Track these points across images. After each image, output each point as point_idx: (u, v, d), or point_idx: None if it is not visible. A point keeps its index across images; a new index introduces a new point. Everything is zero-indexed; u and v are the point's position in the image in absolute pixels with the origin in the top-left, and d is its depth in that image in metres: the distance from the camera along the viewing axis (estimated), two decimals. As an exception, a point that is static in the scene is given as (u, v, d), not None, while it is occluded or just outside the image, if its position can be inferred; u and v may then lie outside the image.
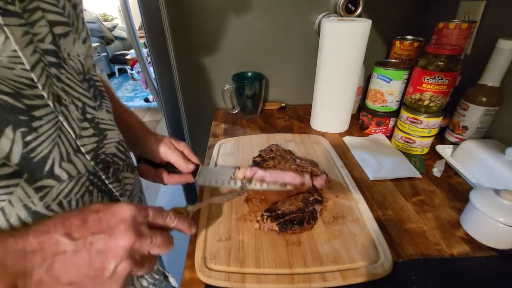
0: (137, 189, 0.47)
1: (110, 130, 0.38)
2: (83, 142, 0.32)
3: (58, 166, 0.30)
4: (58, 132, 0.29)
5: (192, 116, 0.95)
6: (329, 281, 0.37)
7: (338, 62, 0.68)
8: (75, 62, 0.33)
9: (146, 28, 0.80)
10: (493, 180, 0.51)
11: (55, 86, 0.29)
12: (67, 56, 0.31)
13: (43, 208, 0.29)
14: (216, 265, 0.39)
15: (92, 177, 0.34)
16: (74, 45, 0.32)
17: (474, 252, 0.42)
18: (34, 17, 0.27)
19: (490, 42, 0.56)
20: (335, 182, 0.55)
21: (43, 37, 0.28)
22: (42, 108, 0.28)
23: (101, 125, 0.36)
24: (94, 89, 0.36)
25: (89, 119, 0.34)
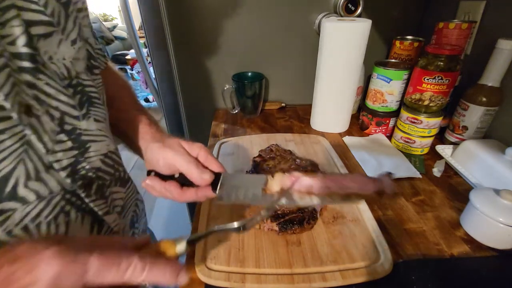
0: (131, 203, 0.44)
1: (96, 142, 0.35)
2: (57, 158, 0.29)
3: (23, 186, 0.26)
4: (24, 147, 0.26)
5: (192, 116, 0.95)
6: (329, 281, 0.37)
7: (338, 62, 0.68)
8: (59, 66, 0.30)
9: (146, 28, 0.80)
10: (493, 180, 0.51)
11: (25, 94, 0.26)
12: (48, 60, 0.28)
13: (3, 234, 0.26)
14: (216, 265, 0.39)
15: (70, 196, 0.31)
16: (59, 47, 0.29)
17: (474, 252, 0.42)
18: (7, 16, 0.24)
19: (490, 42, 0.56)
20: (335, 182, 0.55)
21: (14, 38, 0.25)
22: (4, 120, 0.24)
23: (84, 136, 0.33)
24: (82, 96, 0.33)
25: (67, 131, 0.31)
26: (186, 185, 0.36)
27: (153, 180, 0.36)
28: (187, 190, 0.36)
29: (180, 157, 0.35)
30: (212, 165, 0.37)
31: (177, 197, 0.36)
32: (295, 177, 0.36)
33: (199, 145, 0.37)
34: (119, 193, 0.40)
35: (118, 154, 0.41)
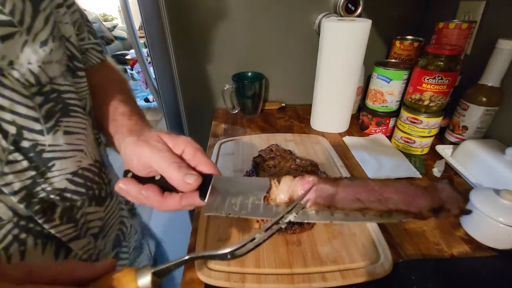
0: (113, 221, 0.39)
1: (62, 159, 0.30)
2: (7, 180, 0.26)
3: None
4: None
5: (192, 116, 0.95)
6: (329, 281, 0.37)
7: (338, 62, 0.68)
8: (23, 72, 0.26)
9: (146, 28, 0.80)
10: (493, 180, 0.51)
11: None
12: (8, 65, 0.25)
13: None
14: (216, 265, 0.39)
15: (26, 222, 0.28)
16: (22, 50, 0.26)
17: (474, 252, 0.42)
18: None
19: (490, 42, 0.56)
20: (335, 182, 0.55)
21: None
22: None
23: (47, 153, 0.29)
24: (55, 104, 0.29)
25: (24, 149, 0.27)
26: (169, 189, 0.29)
27: (128, 183, 0.29)
28: (169, 196, 0.29)
29: (157, 155, 0.27)
30: (201, 164, 0.29)
31: (156, 205, 0.29)
32: (309, 182, 0.27)
33: (185, 139, 0.30)
34: (95, 214, 0.36)
35: (95, 169, 0.36)
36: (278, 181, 0.29)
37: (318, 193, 0.27)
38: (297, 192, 0.27)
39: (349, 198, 0.26)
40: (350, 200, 0.26)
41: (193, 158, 0.29)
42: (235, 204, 0.28)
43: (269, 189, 0.29)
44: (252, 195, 0.29)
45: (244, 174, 0.56)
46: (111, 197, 0.40)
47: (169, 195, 0.29)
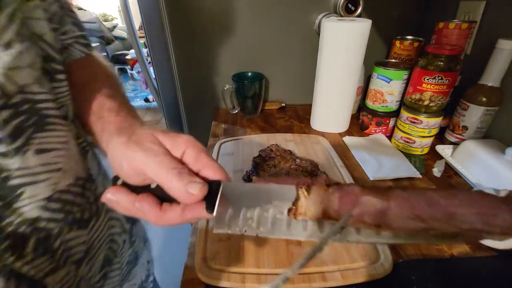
0: (101, 241, 0.35)
1: (33, 184, 0.26)
2: None
3: None
4: None
5: (192, 116, 0.95)
6: (329, 281, 0.37)
7: (338, 62, 0.68)
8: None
9: (146, 28, 0.80)
10: (493, 180, 0.51)
11: None
12: None
13: None
14: (216, 265, 0.39)
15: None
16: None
17: (474, 252, 0.42)
18: None
19: (490, 42, 0.56)
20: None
21: None
22: None
23: (14, 180, 0.25)
24: (26, 119, 0.25)
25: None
26: (169, 200, 0.24)
27: (118, 193, 0.24)
28: (168, 209, 0.24)
29: (152, 160, 0.22)
30: (206, 169, 0.24)
31: (152, 219, 0.24)
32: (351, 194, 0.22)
33: (186, 139, 0.25)
34: (78, 239, 0.31)
35: (77, 188, 0.31)
36: (308, 191, 0.23)
37: (363, 208, 0.21)
38: (333, 206, 0.22)
39: (404, 215, 0.20)
40: (406, 218, 0.20)
41: (196, 161, 0.24)
42: (252, 219, 0.23)
43: (296, 200, 0.23)
44: (273, 207, 0.23)
45: (244, 174, 0.56)
46: (97, 216, 0.35)
47: (168, 208, 0.24)
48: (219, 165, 0.25)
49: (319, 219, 0.22)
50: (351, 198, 0.22)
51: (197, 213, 0.23)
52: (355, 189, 0.22)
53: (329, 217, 0.22)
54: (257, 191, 0.25)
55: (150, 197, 0.24)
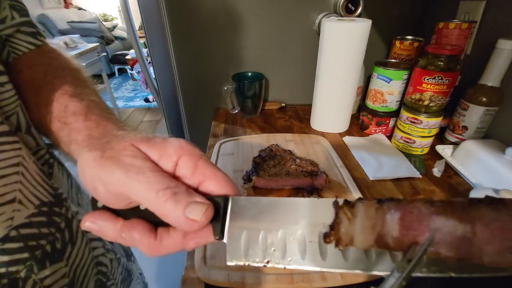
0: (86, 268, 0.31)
1: None
2: None
3: None
4: None
5: (192, 116, 0.95)
6: (329, 281, 0.37)
7: (338, 62, 0.68)
8: None
9: (146, 28, 0.80)
10: (493, 180, 0.51)
11: None
12: None
13: None
14: (216, 265, 0.39)
15: None
16: None
17: (474, 252, 0.42)
18: None
19: (490, 42, 0.56)
20: (335, 182, 0.55)
21: None
22: None
23: None
24: None
25: None
26: (163, 224, 0.19)
27: (99, 220, 0.20)
28: (165, 236, 0.20)
29: (136, 181, 0.18)
30: (208, 180, 0.19)
31: (146, 250, 0.19)
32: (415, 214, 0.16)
33: (178, 145, 0.20)
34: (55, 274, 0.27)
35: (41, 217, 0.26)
36: (351, 211, 0.17)
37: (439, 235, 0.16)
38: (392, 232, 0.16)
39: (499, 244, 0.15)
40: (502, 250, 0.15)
41: (194, 172, 0.19)
42: (274, 245, 0.18)
43: (335, 221, 0.17)
44: (301, 229, 0.18)
45: (244, 174, 0.56)
46: (73, 242, 0.30)
47: (165, 234, 0.19)
48: (225, 175, 0.20)
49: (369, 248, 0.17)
50: (417, 220, 0.16)
51: (203, 240, 0.19)
52: (421, 207, 0.16)
53: (387, 247, 0.17)
54: (278, 207, 0.19)
55: (141, 223, 0.19)
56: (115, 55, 4.05)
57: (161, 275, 1.34)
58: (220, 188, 0.19)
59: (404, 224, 0.16)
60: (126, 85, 3.87)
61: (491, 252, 0.15)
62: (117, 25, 4.62)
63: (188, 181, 0.19)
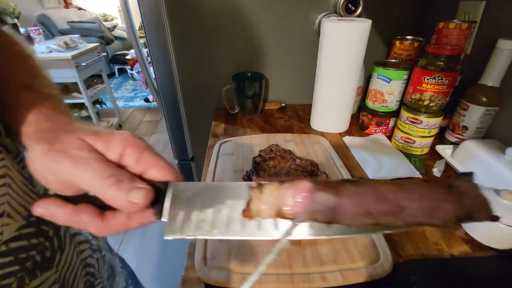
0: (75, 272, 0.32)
1: None
2: None
3: None
4: None
5: (192, 116, 0.95)
6: (329, 281, 0.37)
7: (338, 62, 0.68)
8: None
9: (146, 28, 0.80)
10: (493, 180, 0.51)
11: None
12: None
13: None
14: (216, 265, 0.39)
15: None
16: None
17: (474, 252, 0.42)
18: None
19: (490, 42, 0.56)
20: (335, 182, 0.55)
21: None
22: None
23: None
24: None
25: None
26: (110, 207, 0.21)
27: (50, 206, 0.21)
28: (112, 218, 0.22)
29: (83, 170, 0.19)
30: (151, 169, 0.22)
31: (95, 231, 0.21)
32: (302, 190, 0.21)
33: (123, 137, 0.21)
34: (46, 281, 0.28)
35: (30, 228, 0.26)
36: (260, 190, 0.22)
37: (315, 205, 0.21)
38: (287, 203, 0.21)
39: (355, 211, 0.20)
40: (357, 214, 0.20)
41: (138, 162, 0.21)
42: (205, 221, 0.21)
43: (249, 200, 0.22)
44: (226, 208, 0.22)
45: (244, 174, 0.56)
46: (61, 249, 0.31)
47: (112, 216, 0.21)
48: (167, 163, 0.22)
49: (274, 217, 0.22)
50: (304, 195, 0.21)
51: (144, 219, 0.22)
52: (308, 185, 0.22)
53: (284, 217, 0.21)
54: (210, 190, 0.24)
55: (89, 207, 0.21)
56: (115, 55, 4.05)
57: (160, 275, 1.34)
58: (162, 175, 0.22)
59: (294, 197, 0.21)
60: (126, 85, 3.87)
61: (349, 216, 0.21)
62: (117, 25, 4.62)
63: (132, 170, 0.21)
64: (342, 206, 0.21)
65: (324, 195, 0.21)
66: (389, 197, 0.21)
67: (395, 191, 0.21)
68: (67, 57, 1.87)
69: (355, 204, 0.21)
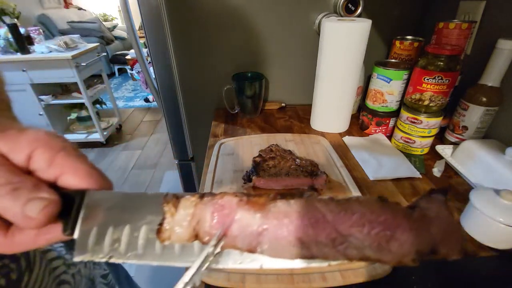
0: None
1: None
2: None
3: None
4: None
5: (192, 116, 0.95)
6: (329, 281, 0.37)
7: (338, 62, 0.68)
8: None
9: (146, 28, 0.80)
10: (493, 180, 0.51)
11: None
12: None
13: None
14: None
15: None
16: None
17: (474, 252, 0.42)
18: None
19: (490, 42, 0.56)
20: (335, 182, 0.55)
21: None
22: None
23: None
24: None
25: None
26: None
27: None
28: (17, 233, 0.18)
29: None
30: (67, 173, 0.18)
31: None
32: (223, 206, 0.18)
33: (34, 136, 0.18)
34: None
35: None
36: (175, 206, 0.18)
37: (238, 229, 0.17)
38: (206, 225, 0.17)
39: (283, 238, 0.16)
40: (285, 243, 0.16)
41: (50, 165, 0.18)
42: (120, 240, 0.18)
43: (163, 217, 0.18)
44: (146, 224, 0.18)
45: (244, 174, 0.56)
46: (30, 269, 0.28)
47: (18, 231, 0.18)
48: (88, 167, 0.18)
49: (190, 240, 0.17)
50: (224, 213, 0.17)
51: (54, 236, 0.18)
52: (232, 201, 0.17)
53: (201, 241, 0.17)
54: (130, 202, 0.19)
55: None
56: (115, 55, 4.05)
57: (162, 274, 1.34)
58: (79, 182, 0.18)
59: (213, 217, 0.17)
60: (126, 85, 3.87)
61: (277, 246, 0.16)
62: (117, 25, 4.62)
63: (43, 175, 0.18)
64: (267, 231, 0.16)
65: (247, 215, 0.17)
66: (329, 220, 0.16)
67: (337, 213, 0.16)
68: (67, 57, 1.87)
69: (285, 229, 0.16)
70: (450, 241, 0.15)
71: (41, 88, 2.04)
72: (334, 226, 0.16)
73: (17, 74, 1.91)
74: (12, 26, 1.82)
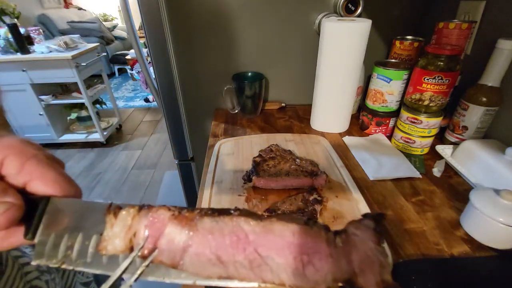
0: None
1: None
2: None
3: None
4: None
5: (192, 116, 0.95)
6: (329, 281, 0.37)
7: (338, 62, 0.68)
8: None
9: (146, 28, 0.80)
10: (493, 180, 0.51)
11: None
12: None
13: None
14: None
15: None
16: None
17: (474, 252, 0.42)
18: None
19: (490, 42, 0.56)
20: (335, 182, 0.55)
21: None
22: None
23: None
24: None
25: None
26: None
27: None
28: None
29: None
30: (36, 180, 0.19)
31: None
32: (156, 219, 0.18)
33: (6, 144, 0.19)
34: None
35: None
36: (115, 215, 0.18)
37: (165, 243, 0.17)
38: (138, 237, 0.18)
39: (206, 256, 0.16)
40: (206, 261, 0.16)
41: (20, 171, 0.19)
42: (73, 248, 0.19)
43: (103, 228, 0.19)
44: (96, 234, 0.19)
45: (244, 174, 0.56)
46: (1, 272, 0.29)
47: None
48: (57, 174, 0.19)
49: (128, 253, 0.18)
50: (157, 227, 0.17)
51: (16, 240, 0.19)
52: (164, 215, 0.17)
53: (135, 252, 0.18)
54: (88, 210, 0.20)
55: None
56: (115, 55, 4.05)
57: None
58: (46, 188, 0.19)
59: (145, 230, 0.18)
60: (126, 85, 3.87)
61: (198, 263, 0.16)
62: (117, 25, 4.62)
63: (13, 180, 0.19)
64: (191, 247, 0.16)
65: (175, 230, 0.17)
66: (251, 240, 0.16)
67: (259, 234, 0.16)
68: (67, 57, 1.87)
69: (207, 246, 0.16)
70: (370, 271, 0.14)
71: (41, 88, 2.04)
72: (255, 247, 0.16)
73: (17, 74, 1.91)
74: (12, 26, 1.82)
